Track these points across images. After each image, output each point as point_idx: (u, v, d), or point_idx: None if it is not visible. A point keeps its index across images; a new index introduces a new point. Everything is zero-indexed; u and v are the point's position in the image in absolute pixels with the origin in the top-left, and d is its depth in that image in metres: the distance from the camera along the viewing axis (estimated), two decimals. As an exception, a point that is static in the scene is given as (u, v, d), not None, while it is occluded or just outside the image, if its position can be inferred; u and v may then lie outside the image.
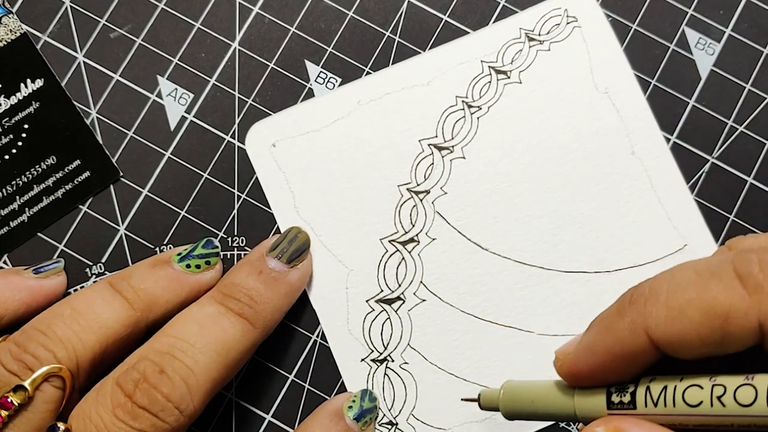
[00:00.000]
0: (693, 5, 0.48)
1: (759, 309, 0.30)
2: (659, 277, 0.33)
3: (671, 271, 0.33)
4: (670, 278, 0.32)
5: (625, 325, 0.33)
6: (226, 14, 0.48)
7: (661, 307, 0.32)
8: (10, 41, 0.47)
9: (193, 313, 0.41)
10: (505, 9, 0.48)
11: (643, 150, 0.47)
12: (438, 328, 0.46)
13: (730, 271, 0.31)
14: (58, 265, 0.45)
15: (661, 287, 0.32)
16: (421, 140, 0.47)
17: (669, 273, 0.33)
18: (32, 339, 0.39)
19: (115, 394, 0.38)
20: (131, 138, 0.47)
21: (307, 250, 0.45)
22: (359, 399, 0.44)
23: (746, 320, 0.30)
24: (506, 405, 0.38)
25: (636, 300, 0.33)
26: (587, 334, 0.35)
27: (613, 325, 0.33)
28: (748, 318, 0.30)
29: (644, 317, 0.32)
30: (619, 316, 0.33)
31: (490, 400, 0.39)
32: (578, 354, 0.35)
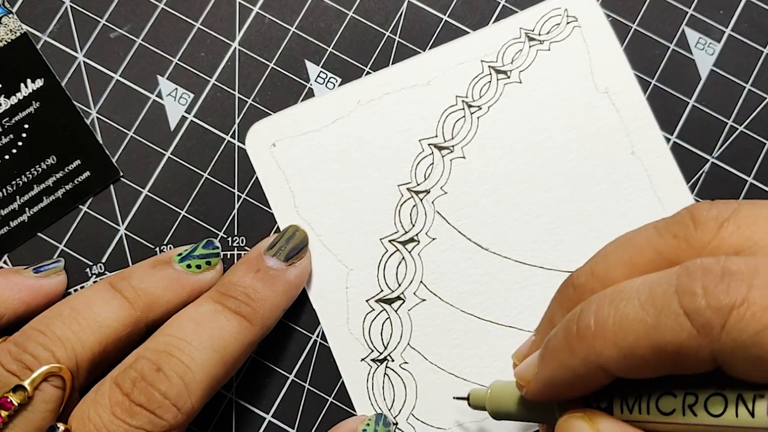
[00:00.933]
0: (693, 5, 0.48)
1: (711, 346, 0.29)
2: (602, 305, 0.32)
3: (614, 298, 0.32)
4: (614, 310, 0.31)
5: (579, 362, 0.32)
6: (226, 14, 0.48)
7: (612, 347, 0.31)
8: (10, 41, 0.47)
9: (190, 312, 0.41)
10: (505, 9, 0.48)
11: (643, 150, 0.47)
12: (438, 328, 0.46)
13: (676, 306, 0.30)
14: (58, 264, 0.45)
15: (606, 321, 0.31)
16: (421, 140, 0.47)
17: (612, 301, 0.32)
18: (31, 339, 0.39)
19: (113, 393, 0.38)
20: (131, 138, 0.47)
21: (305, 248, 0.45)
22: (374, 423, 0.44)
23: (698, 357, 0.30)
24: (492, 405, 0.39)
25: (583, 335, 0.32)
26: (542, 366, 0.35)
27: (567, 361, 0.33)
28: (700, 355, 0.29)
29: (596, 355, 0.32)
30: (570, 353, 0.33)
31: (478, 400, 0.41)
32: (538, 386, 0.35)
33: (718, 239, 0.32)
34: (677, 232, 0.33)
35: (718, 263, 0.30)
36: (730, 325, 0.29)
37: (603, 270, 0.35)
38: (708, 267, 0.30)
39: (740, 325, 0.28)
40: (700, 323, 0.29)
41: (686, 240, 0.33)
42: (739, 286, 0.29)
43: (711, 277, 0.29)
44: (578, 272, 0.36)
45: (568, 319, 0.33)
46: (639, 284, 0.31)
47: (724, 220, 0.32)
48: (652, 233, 0.34)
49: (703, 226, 0.33)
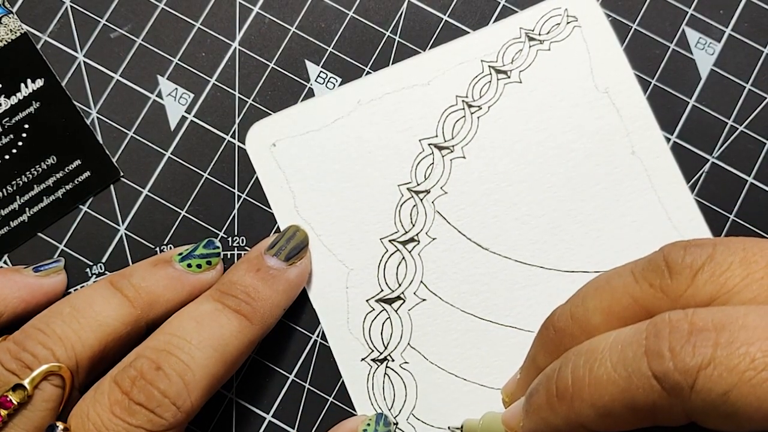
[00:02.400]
0: (693, 5, 0.48)
1: (682, 406, 0.29)
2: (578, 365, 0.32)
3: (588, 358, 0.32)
4: (589, 372, 0.32)
5: (561, 421, 0.33)
6: (226, 14, 0.48)
7: (589, 407, 0.31)
8: (11, 41, 0.47)
9: (190, 311, 0.41)
10: (505, 9, 0.48)
11: (643, 150, 0.47)
12: (438, 328, 0.45)
13: (645, 369, 0.30)
14: (58, 264, 0.45)
15: (582, 382, 0.32)
16: (421, 140, 0.47)
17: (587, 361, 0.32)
18: (31, 338, 0.39)
19: (113, 392, 0.38)
20: (131, 138, 0.47)
21: (305, 248, 0.45)
22: (374, 423, 0.44)
23: (672, 414, 0.30)
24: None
25: (562, 395, 0.33)
26: (527, 420, 0.35)
27: (549, 419, 0.34)
28: (673, 412, 0.30)
29: (576, 415, 0.32)
30: (551, 411, 0.33)
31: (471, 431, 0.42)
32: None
33: (693, 288, 0.32)
34: (653, 280, 0.33)
35: (686, 318, 0.30)
36: (698, 387, 0.29)
37: (582, 315, 0.35)
38: (675, 324, 0.30)
39: (708, 386, 0.29)
40: (670, 385, 0.29)
41: (662, 289, 0.33)
42: (705, 345, 0.29)
43: (677, 337, 0.30)
44: (558, 315, 0.36)
45: (547, 377, 0.34)
46: (611, 343, 0.32)
47: (698, 268, 0.32)
48: (629, 280, 0.34)
49: (677, 274, 0.33)
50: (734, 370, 0.28)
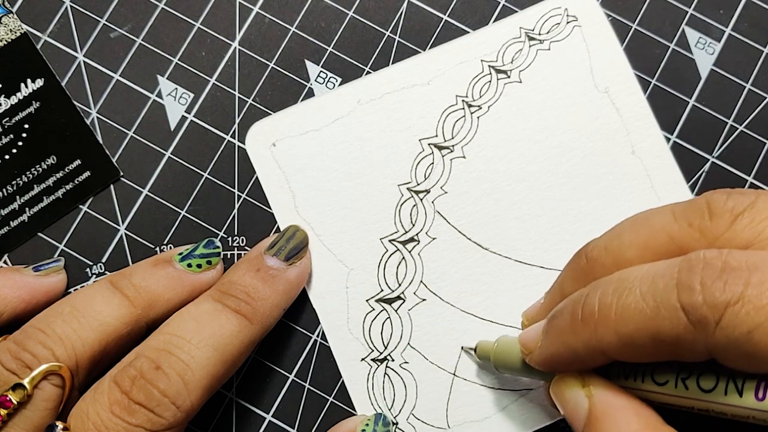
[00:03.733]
0: (693, 5, 0.48)
1: (705, 340, 0.30)
2: (607, 292, 0.33)
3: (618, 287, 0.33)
4: (617, 299, 0.32)
5: (580, 344, 0.34)
6: (226, 14, 0.48)
7: (612, 333, 0.32)
8: (10, 41, 0.47)
9: (190, 311, 0.41)
10: (505, 8, 0.48)
11: (644, 149, 0.47)
12: (438, 328, 0.45)
13: (674, 300, 0.31)
14: (58, 263, 0.45)
15: (609, 309, 0.33)
16: (421, 139, 0.47)
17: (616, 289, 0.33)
18: (31, 337, 0.39)
19: (112, 392, 0.38)
20: (131, 138, 0.47)
21: (305, 248, 0.45)
22: (372, 423, 0.44)
23: (694, 349, 0.31)
24: (497, 358, 0.42)
25: (586, 320, 0.33)
26: (546, 341, 0.37)
27: (569, 342, 0.35)
28: (695, 347, 0.31)
29: (598, 340, 0.33)
30: (573, 334, 0.34)
31: (484, 352, 0.43)
32: (540, 359, 0.37)
33: (731, 231, 0.33)
34: (692, 220, 0.34)
35: (720, 257, 0.31)
36: (724, 323, 0.29)
37: (616, 247, 0.36)
38: (709, 261, 0.31)
39: (734, 322, 0.29)
40: (696, 318, 0.30)
41: (700, 230, 0.34)
42: (737, 283, 0.30)
43: (710, 273, 0.30)
44: (592, 245, 0.37)
45: (574, 301, 0.35)
46: (643, 274, 0.32)
47: (739, 213, 0.33)
48: (668, 218, 0.35)
49: (718, 217, 0.33)
50: (762, 309, 0.29)
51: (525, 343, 0.39)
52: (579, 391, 0.36)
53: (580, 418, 0.35)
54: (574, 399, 0.36)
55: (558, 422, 0.45)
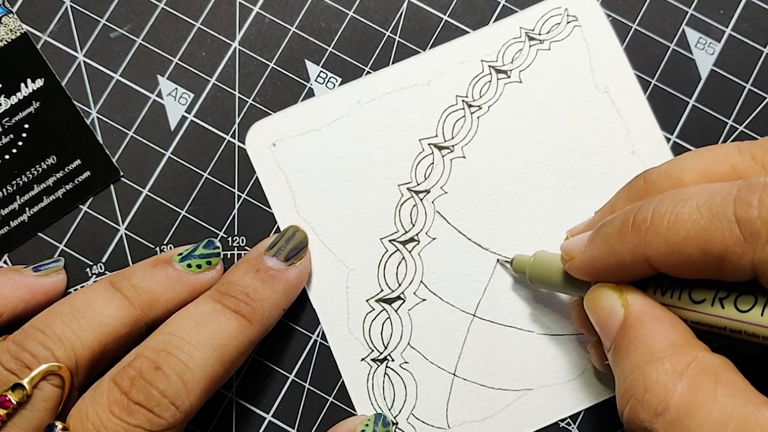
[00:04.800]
0: (693, 5, 0.48)
1: (753, 255, 0.31)
2: (663, 202, 0.34)
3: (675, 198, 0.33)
4: (672, 207, 0.33)
5: (626, 250, 0.35)
6: (227, 14, 0.48)
7: (661, 241, 0.33)
8: (10, 41, 0.47)
9: (189, 311, 0.41)
10: (506, 8, 0.48)
11: (644, 149, 0.47)
12: (438, 328, 0.45)
13: (730, 213, 0.31)
14: (58, 263, 0.45)
15: (663, 217, 0.33)
16: (421, 139, 0.47)
17: (672, 200, 0.33)
18: (31, 337, 0.39)
19: (112, 392, 0.38)
20: (131, 138, 0.47)
21: (305, 248, 0.45)
22: (372, 423, 0.44)
23: (740, 263, 0.31)
24: (533, 271, 0.43)
25: (638, 226, 0.34)
26: (591, 246, 0.37)
27: (615, 247, 0.35)
28: (742, 261, 0.31)
29: (645, 246, 0.34)
30: (620, 239, 0.35)
31: (521, 265, 0.44)
32: (582, 264, 0.38)
33: None
34: (756, 153, 0.35)
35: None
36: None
37: (677, 171, 0.37)
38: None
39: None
40: (749, 231, 0.31)
41: (762, 164, 0.34)
42: None
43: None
44: (652, 169, 0.38)
45: (626, 210, 0.35)
46: (701, 189, 0.33)
47: None
48: (733, 150, 0.36)
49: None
50: None
51: (568, 249, 0.39)
52: (615, 299, 0.36)
53: (613, 325, 0.36)
54: (609, 306, 0.36)
55: (558, 422, 0.45)
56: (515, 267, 0.45)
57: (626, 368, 0.34)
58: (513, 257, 0.45)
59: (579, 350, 0.45)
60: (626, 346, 0.35)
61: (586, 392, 0.45)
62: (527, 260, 0.43)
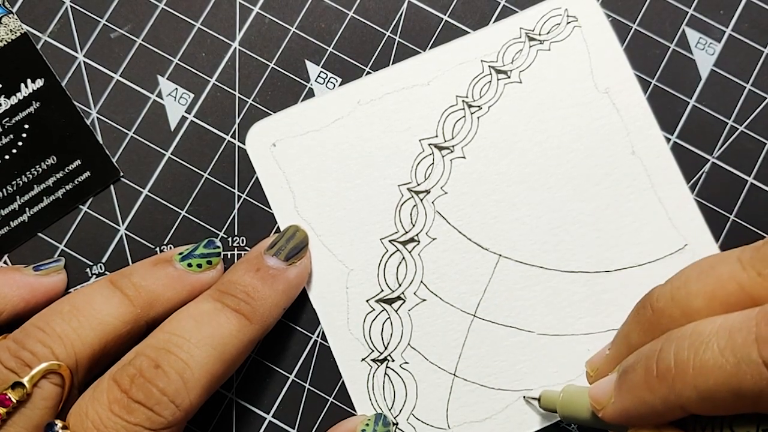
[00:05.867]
0: (693, 5, 0.48)
1: None
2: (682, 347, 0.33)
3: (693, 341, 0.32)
4: (694, 354, 0.32)
5: (658, 401, 0.34)
6: (227, 14, 0.48)
7: (692, 389, 0.32)
8: (11, 41, 0.47)
9: (189, 310, 0.41)
10: (506, 9, 0.48)
11: (644, 150, 0.47)
12: (438, 328, 0.45)
13: (755, 356, 0.30)
14: (58, 263, 0.45)
15: (686, 365, 0.32)
16: (421, 140, 0.47)
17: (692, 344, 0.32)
18: (31, 336, 0.39)
19: (112, 390, 0.38)
20: (131, 138, 0.47)
21: (305, 248, 0.45)
22: (373, 423, 0.44)
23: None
24: (564, 410, 0.41)
25: (663, 376, 0.33)
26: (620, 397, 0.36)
27: (645, 398, 0.34)
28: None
29: (676, 396, 0.33)
30: (649, 390, 0.34)
31: (549, 402, 0.43)
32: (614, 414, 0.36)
33: None
34: (761, 269, 0.34)
35: None
36: None
37: (683, 297, 0.35)
38: None
39: None
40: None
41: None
42: None
43: None
44: (657, 294, 0.37)
45: (646, 356, 0.34)
46: (718, 328, 0.32)
47: None
48: (736, 267, 0.34)
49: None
50: None
51: (596, 398, 0.38)
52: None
53: None
54: None
55: (558, 422, 0.45)
56: (543, 404, 0.43)
57: None
58: (540, 395, 0.44)
59: (579, 350, 0.45)
60: None
61: (586, 392, 0.45)
62: (556, 397, 0.42)
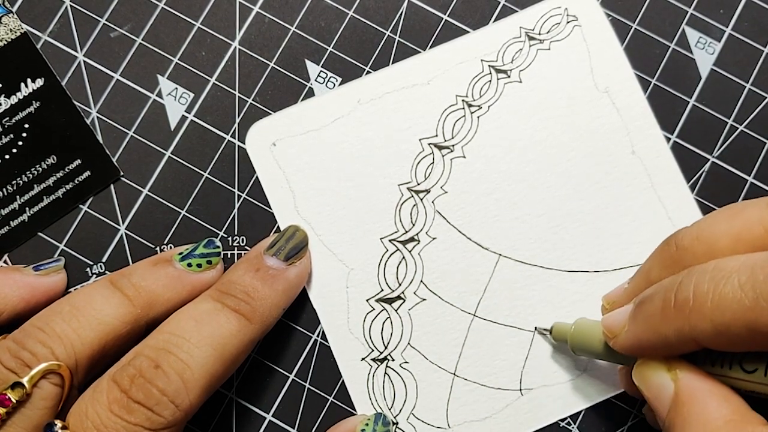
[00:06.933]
0: (693, 4, 0.48)
1: None
2: (702, 280, 0.33)
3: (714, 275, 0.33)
4: (713, 286, 0.32)
5: (671, 331, 0.34)
6: (227, 13, 0.48)
7: (707, 322, 0.32)
8: (11, 41, 0.47)
9: (189, 310, 0.41)
10: (506, 8, 0.48)
11: (644, 149, 0.47)
12: (438, 327, 0.45)
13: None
14: (58, 263, 0.45)
15: (705, 297, 0.32)
16: (421, 139, 0.47)
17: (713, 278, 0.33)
18: (30, 336, 0.39)
19: (111, 390, 0.38)
20: (131, 137, 0.47)
21: (305, 248, 0.45)
22: (372, 423, 0.44)
23: None
24: (574, 341, 0.42)
25: (680, 307, 0.33)
26: (634, 326, 0.37)
27: (659, 328, 0.35)
28: None
29: (691, 328, 0.33)
30: (664, 320, 0.34)
31: (561, 334, 0.43)
32: (626, 343, 0.37)
33: None
34: None
35: None
36: None
37: (709, 237, 0.36)
38: None
39: None
40: None
41: None
42: None
43: None
44: (683, 233, 0.37)
45: (666, 287, 0.35)
46: (741, 264, 0.32)
47: None
48: (765, 212, 0.35)
49: None
50: None
51: (610, 327, 0.39)
52: (664, 374, 0.36)
53: (664, 401, 0.35)
54: (659, 382, 0.36)
55: (558, 422, 0.45)
56: (555, 336, 0.44)
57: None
58: (552, 326, 0.44)
59: (579, 350, 0.45)
60: (680, 424, 0.34)
61: (586, 392, 0.45)
62: (568, 329, 0.43)
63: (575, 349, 0.42)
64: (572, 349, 0.43)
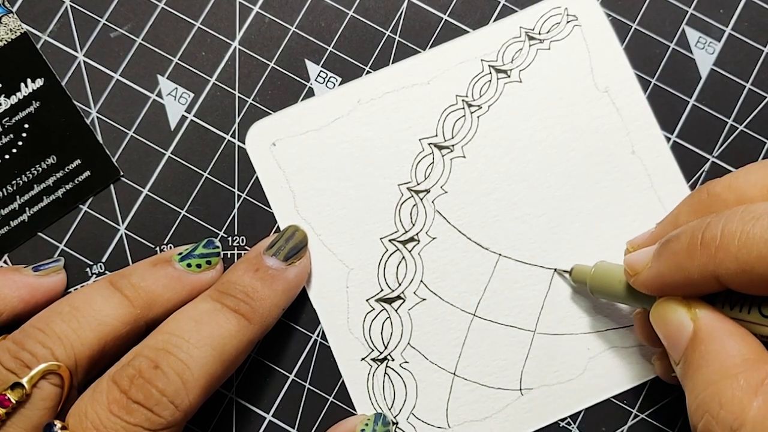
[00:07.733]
0: (693, 4, 0.48)
1: None
2: (731, 220, 0.33)
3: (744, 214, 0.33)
4: (742, 225, 0.33)
5: (695, 268, 0.34)
6: (227, 13, 0.48)
7: (732, 260, 0.33)
8: (10, 41, 0.47)
9: (188, 311, 0.41)
10: (506, 8, 0.48)
11: (643, 149, 0.47)
12: (438, 327, 0.45)
13: None
14: (58, 263, 0.45)
15: (733, 236, 0.33)
16: (421, 139, 0.47)
17: (742, 218, 0.33)
18: (30, 336, 0.39)
19: (111, 391, 0.38)
20: (131, 137, 0.47)
21: (304, 248, 0.45)
22: (372, 423, 0.44)
23: None
24: (594, 283, 0.42)
25: (707, 244, 0.34)
26: (658, 262, 0.37)
27: (684, 264, 0.35)
28: None
29: (715, 265, 0.33)
30: (689, 257, 0.35)
31: (581, 275, 0.44)
32: (648, 279, 0.37)
33: None
34: None
35: None
36: None
37: (741, 185, 0.36)
38: None
39: None
40: None
41: None
42: None
43: None
44: (715, 182, 0.38)
45: (693, 226, 0.35)
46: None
47: None
48: None
49: None
50: None
51: (632, 264, 0.39)
52: (684, 313, 0.36)
53: (682, 340, 0.36)
54: (678, 321, 0.36)
55: (558, 422, 0.45)
56: (574, 277, 0.44)
57: (699, 384, 0.34)
58: (572, 267, 0.45)
59: (579, 350, 0.45)
60: (697, 361, 0.34)
61: (586, 392, 0.45)
62: (588, 271, 0.43)
63: (594, 291, 0.43)
64: (591, 290, 0.43)
